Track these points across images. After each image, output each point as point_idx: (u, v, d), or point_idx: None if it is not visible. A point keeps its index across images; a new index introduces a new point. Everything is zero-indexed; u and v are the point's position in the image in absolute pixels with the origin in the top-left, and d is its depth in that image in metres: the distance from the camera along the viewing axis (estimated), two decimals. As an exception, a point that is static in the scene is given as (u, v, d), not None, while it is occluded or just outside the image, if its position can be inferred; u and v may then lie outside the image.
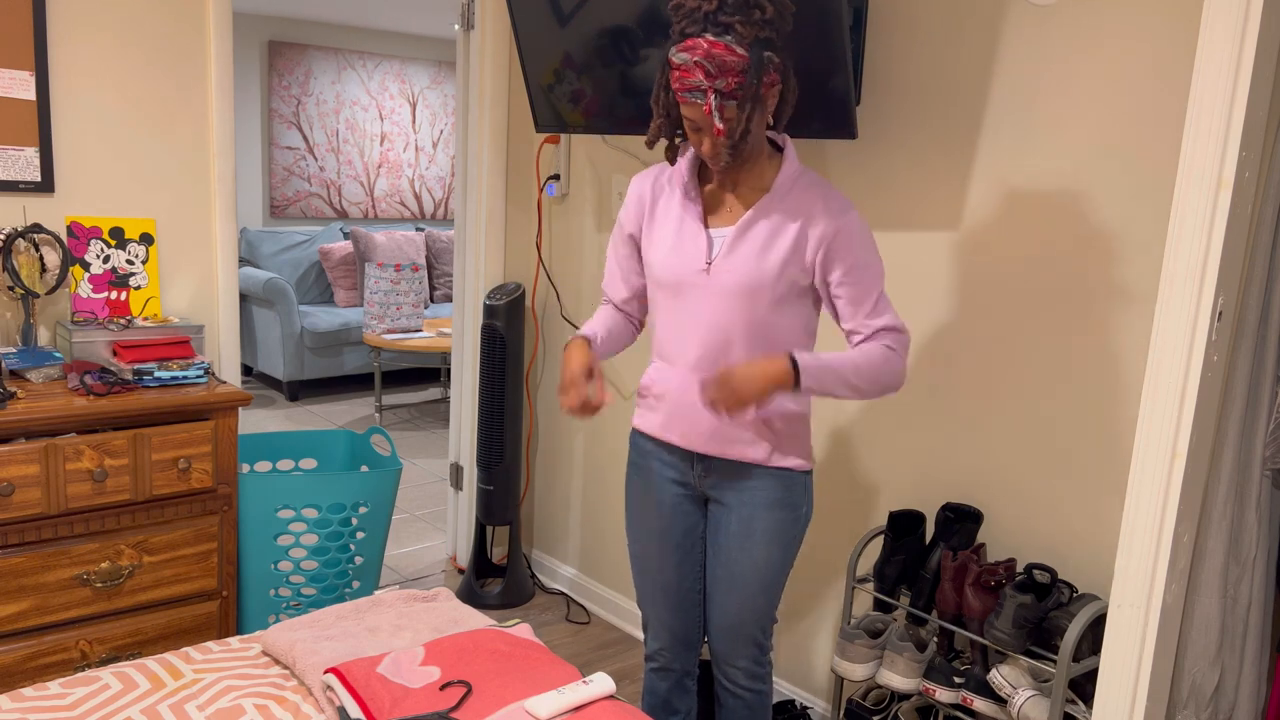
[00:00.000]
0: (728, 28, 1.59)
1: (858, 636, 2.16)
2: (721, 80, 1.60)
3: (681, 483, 1.92)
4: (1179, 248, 1.71)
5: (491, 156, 3.33)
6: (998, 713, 2.01)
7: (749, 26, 1.59)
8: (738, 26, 1.59)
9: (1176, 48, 1.84)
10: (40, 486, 2.19)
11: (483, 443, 3.23)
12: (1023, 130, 2.07)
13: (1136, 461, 1.80)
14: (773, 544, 1.86)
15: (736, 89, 1.61)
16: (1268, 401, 1.80)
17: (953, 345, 2.24)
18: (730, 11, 1.59)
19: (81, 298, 2.62)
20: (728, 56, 1.59)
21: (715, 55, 1.58)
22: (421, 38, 7.05)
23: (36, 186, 2.55)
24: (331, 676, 1.68)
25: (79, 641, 2.31)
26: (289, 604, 2.68)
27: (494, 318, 3.17)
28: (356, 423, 5.47)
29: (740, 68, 1.59)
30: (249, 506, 2.57)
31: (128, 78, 2.66)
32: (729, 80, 1.60)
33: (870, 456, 2.43)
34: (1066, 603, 1.97)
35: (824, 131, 2.15)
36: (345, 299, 6.24)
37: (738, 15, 1.59)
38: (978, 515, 2.14)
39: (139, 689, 1.71)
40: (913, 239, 2.29)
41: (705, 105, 1.63)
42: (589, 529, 3.32)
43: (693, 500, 1.93)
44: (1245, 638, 1.87)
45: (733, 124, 1.64)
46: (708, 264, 1.77)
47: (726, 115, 1.63)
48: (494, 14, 3.22)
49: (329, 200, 6.83)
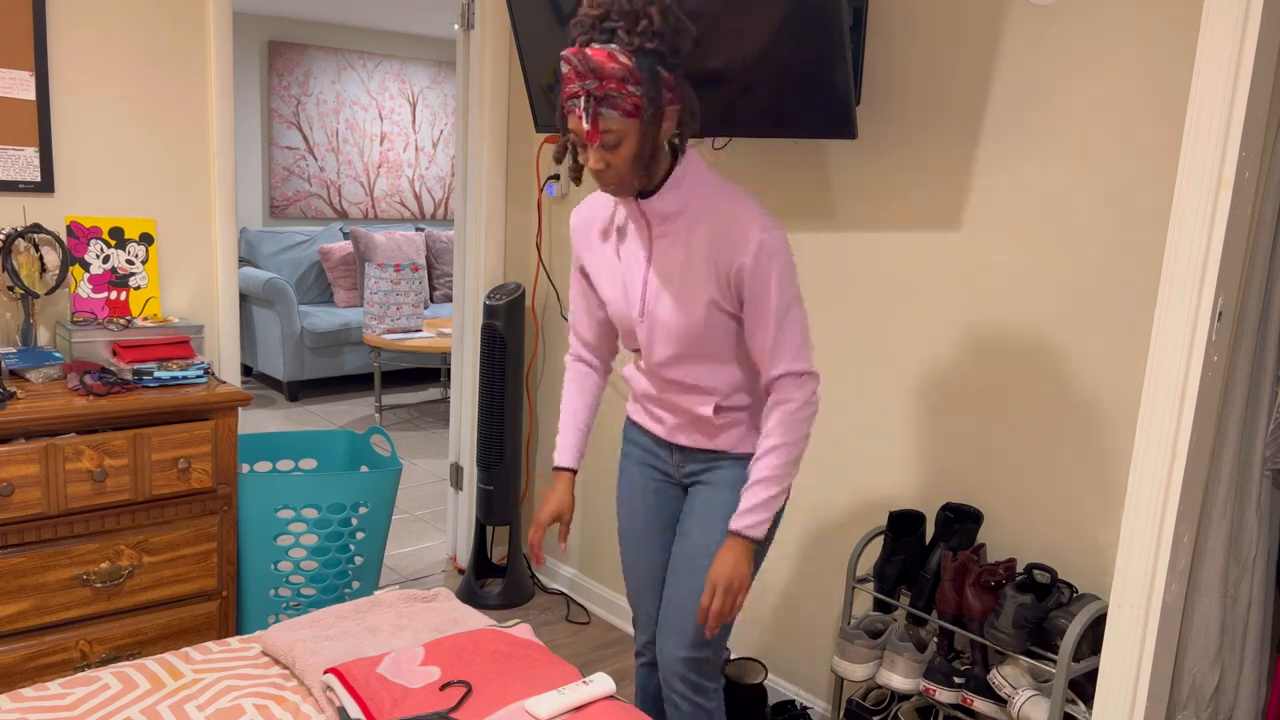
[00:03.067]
0: (612, 34, 1.55)
1: (858, 636, 2.16)
2: (593, 82, 1.54)
3: (663, 471, 1.94)
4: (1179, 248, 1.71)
5: (491, 156, 3.33)
6: (998, 713, 2.01)
7: (634, 35, 1.54)
8: (621, 34, 1.54)
9: (1176, 48, 1.84)
10: (40, 486, 2.19)
11: (483, 443, 3.23)
12: (1022, 130, 2.07)
13: (1136, 461, 1.80)
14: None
15: (617, 97, 1.54)
16: (1268, 401, 1.80)
17: (952, 345, 2.24)
18: (615, 18, 1.54)
19: (81, 298, 2.62)
20: (607, 63, 1.53)
21: (590, 58, 1.53)
22: (421, 38, 7.05)
23: (36, 186, 2.55)
24: (331, 677, 1.68)
25: (79, 641, 2.31)
26: (289, 604, 2.67)
27: (494, 318, 3.17)
28: (356, 423, 5.47)
29: (620, 75, 1.53)
30: (249, 506, 2.57)
31: (128, 78, 2.66)
32: (604, 84, 1.54)
33: (870, 456, 2.43)
34: (1066, 603, 1.97)
35: (824, 131, 2.15)
36: (345, 299, 6.24)
37: (622, 22, 1.54)
38: (978, 515, 2.14)
39: (139, 689, 1.71)
40: (912, 239, 2.29)
41: (578, 111, 1.57)
42: (589, 529, 3.32)
43: (674, 487, 1.95)
44: (1245, 638, 1.87)
45: (613, 137, 1.57)
46: (640, 315, 1.77)
47: (605, 125, 1.56)
48: (494, 14, 3.22)
49: (329, 200, 6.83)
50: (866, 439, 2.44)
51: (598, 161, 1.61)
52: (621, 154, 1.60)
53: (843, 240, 2.43)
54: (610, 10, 1.55)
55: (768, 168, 2.58)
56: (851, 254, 2.41)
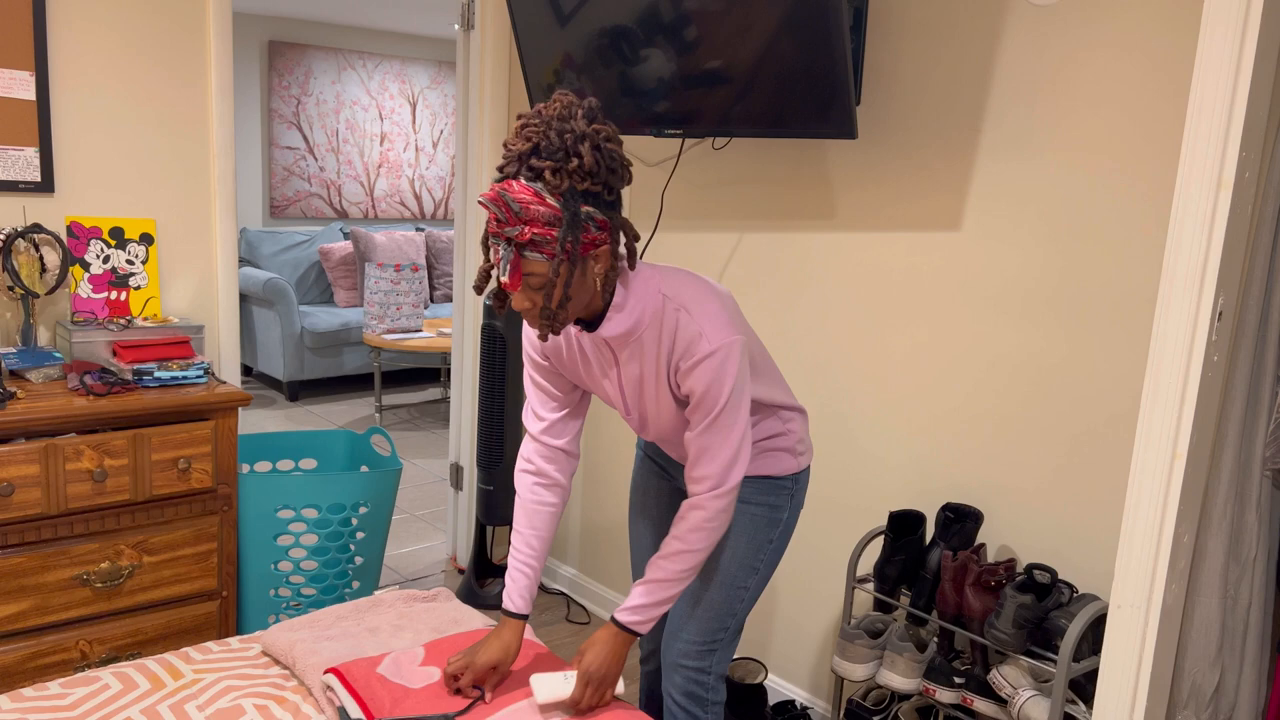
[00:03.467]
0: (538, 174, 1.42)
1: (858, 636, 2.16)
2: (514, 229, 1.42)
3: (674, 481, 1.95)
4: (1179, 248, 1.71)
5: (492, 157, 3.33)
6: (998, 713, 2.00)
7: (560, 176, 1.41)
8: (547, 174, 1.41)
9: (1176, 48, 1.84)
10: (40, 486, 2.19)
11: (483, 443, 3.23)
12: (1022, 130, 2.07)
13: (1136, 461, 1.80)
14: (739, 535, 1.81)
15: (541, 243, 1.43)
16: (1268, 401, 1.80)
17: (952, 345, 2.24)
18: (543, 156, 1.42)
19: (81, 298, 2.62)
20: (532, 204, 1.42)
21: (512, 201, 1.42)
22: (421, 38, 7.05)
23: (36, 186, 2.55)
24: (331, 676, 1.68)
25: (79, 641, 2.31)
26: (289, 604, 2.67)
27: (494, 318, 3.17)
28: (356, 423, 5.47)
29: (546, 219, 1.42)
30: (249, 506, 2.57)
31: (128, 78, 2.66)
32: (526, 230, 1.42)
33: (870, 456, 2.43)
34: (1066, 603, 1.97)
35: (824, 131, 2.15)
36: (345, 299, 6.24)
37: (549, 160, 1.41)
38: (978, 515, 2.14)
39: (139, 689, 1.71)
40: (912, 239, 2.29)
41: (495, 255, 1.47)
42: (589, 529, 3.32)
43: (683, 495, 1.95)
44: (1245, 638, 1.87)
45: (538, 280, 1.46)
46: (626, 411, 1.74)
47: (529, 269, 1.45)
48: (494, 14, 3.22)
49: (329, 200, 6.83)
50: (866, 439, 2.44)
51: (523, 301, 1.51)
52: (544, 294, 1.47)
53: (843, 240, 2.43)
54: (539, 145, 1.42)
55: (768, 168, 2.58)
56: (851, 254, 2.41)
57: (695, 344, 1.56)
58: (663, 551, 1.67)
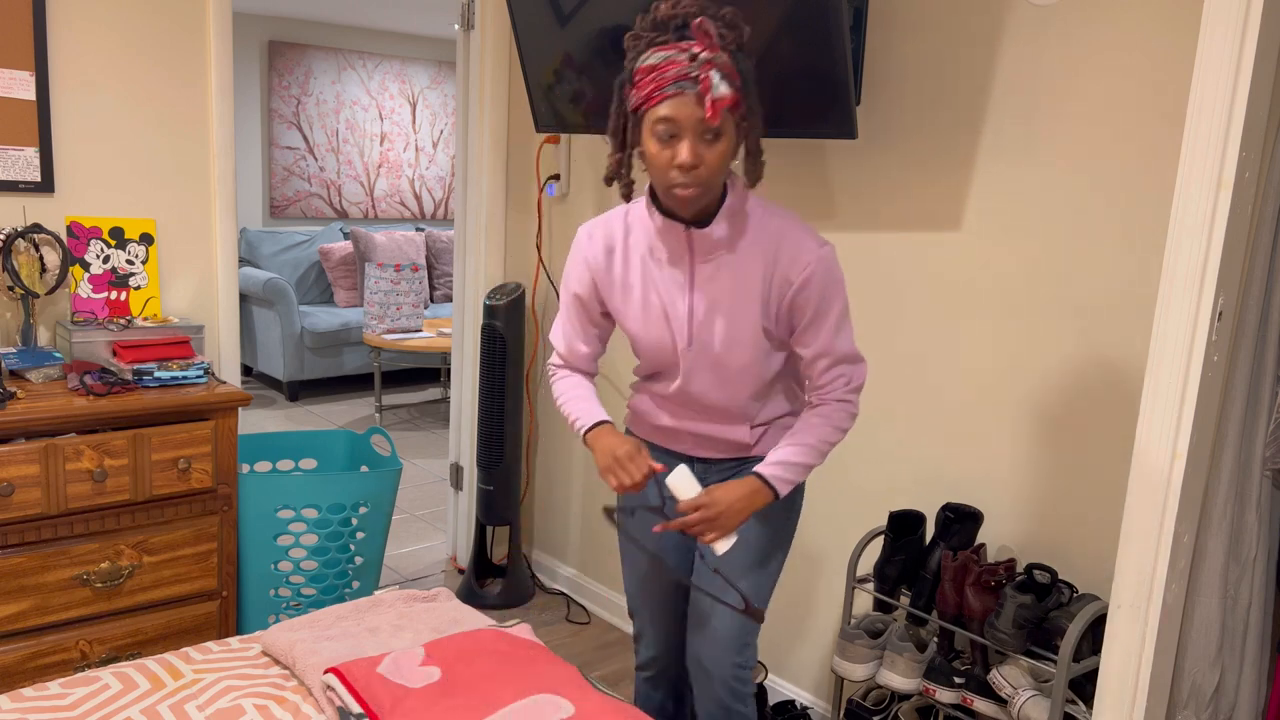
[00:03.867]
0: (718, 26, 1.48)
1: (858, 636, 2.16)
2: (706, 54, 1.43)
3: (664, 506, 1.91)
4: (1179, 248, 1.71)
5: (491, 156, 3.33)
6: (998, 713, 2.00)
7: (737, 30, 1.48)
8: (724, 29, 1.46)
9: (1177, 48, 1.84)
10: (40, 486, 2.19)
11: (483, 443, 3.23)
12: (1022, 129, 2.07)
13: (1136, 461, 1.80)
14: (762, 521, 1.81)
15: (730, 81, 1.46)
16: (1268, 401, 1.80)
17: (952, 345, 2.24)
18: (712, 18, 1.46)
19: (81, 298, 2.62)
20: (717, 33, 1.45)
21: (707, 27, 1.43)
22: (421, 38, 7.05)
23: (36, 186, 2.55)
24: (332, 676, 1.68)
25: (79, 641, 2.31)
26: (289, 604, 2.67)
27: (494, 318, 3.17)
28: (356, 423, 5.47)
29: (732, 66, 1.47)
30: (249, 506, 2.57)
31: (128, 78, 2.66)
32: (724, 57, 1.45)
33: (870, 456, 2.43)
34: (1066, 603, 1.97)
35: (824, 131, 2.15)
36: (345, 299, 6.24)
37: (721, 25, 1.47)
38: (978, 515, 2.14)
39: (139, 689, 1.71)
40: (912, 239, 2.29)
41: (704, 80, 1.42)
42: (589, 529, 3.32)
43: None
44: (1245, 638, 1.87)
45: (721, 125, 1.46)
46: (689, 343, 1.69)
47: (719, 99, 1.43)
48: (494, 14, 3.22)
49: (329, 200, 6.83)
50: (866, 439, 2.44)
51: (693, 156, 1.46)
52: (717, 151, 1.48)
53: (843, 240, 2.43)
54: (706, 9, 1.45)
55: (767, 167, 2.58)
56: (851, 254, 2.41)
57: (800, 254, 1.60)
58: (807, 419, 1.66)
